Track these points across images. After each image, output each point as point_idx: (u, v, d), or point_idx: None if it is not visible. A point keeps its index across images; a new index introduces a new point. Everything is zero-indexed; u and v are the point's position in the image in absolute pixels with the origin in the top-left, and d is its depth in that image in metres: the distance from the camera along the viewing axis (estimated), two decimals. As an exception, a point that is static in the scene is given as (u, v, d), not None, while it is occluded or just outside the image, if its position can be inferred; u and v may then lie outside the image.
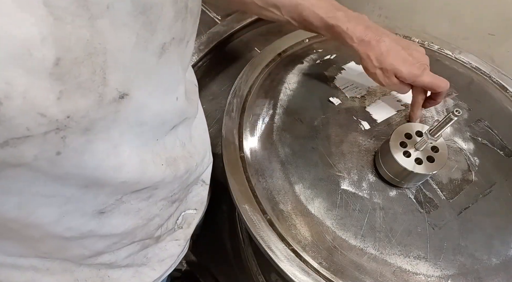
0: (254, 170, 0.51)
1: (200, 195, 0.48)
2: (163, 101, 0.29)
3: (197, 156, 0.41)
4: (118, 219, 0.33)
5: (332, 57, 0.63)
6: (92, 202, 0.29)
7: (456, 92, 0.60)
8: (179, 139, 0.37)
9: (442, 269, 0.44)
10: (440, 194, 0.49)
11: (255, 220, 0.46)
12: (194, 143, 0.41)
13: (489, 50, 0.98)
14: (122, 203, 0.32)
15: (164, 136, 0.34)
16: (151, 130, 0.30)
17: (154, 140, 0.30)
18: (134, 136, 0.27)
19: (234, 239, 0.72)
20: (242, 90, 0.59)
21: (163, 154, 0.34)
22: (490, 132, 0.56)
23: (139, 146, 0.29)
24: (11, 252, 0.31)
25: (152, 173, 0.32)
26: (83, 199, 0.27)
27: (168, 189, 0.37)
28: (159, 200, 0.37)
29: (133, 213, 0.35)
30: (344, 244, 0.45)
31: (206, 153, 0.45)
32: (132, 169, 0.28)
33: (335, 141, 0.52)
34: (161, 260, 0.46)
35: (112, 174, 0.26)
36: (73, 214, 0.28)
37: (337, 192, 0.48)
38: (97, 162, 0.24)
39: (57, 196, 0.25)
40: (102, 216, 0.31)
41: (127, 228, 0.36)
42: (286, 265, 0.43)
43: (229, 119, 0.56)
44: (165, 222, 0.42)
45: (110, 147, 0.25)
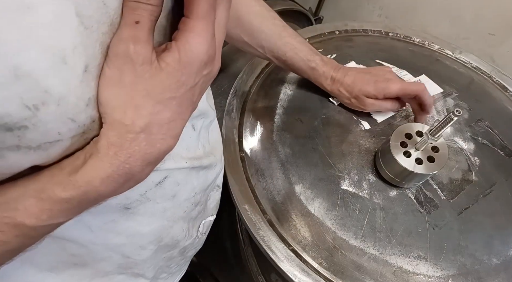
0: (254, 170, 0.51)
1: (216, 199, 0.49)
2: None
3: (217, 154, 0.43)
4: (144, 217, 0.34)
5: (332, 57, 0.63)
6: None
7: (457, 92, 0.60)
8: (201, 142, 0.38)
9: (442, 269, 0.44)
10: (440, 194, 0.49)
11: (255, 220, 0.46)
12: (212, 144, 0.42)
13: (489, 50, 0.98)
14: (148, 200, 0.33)
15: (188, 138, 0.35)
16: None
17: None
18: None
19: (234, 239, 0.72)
20: (242, 90, 0.59)
21: (186, 154, 0.35)
22: (490, 132, 0.56)
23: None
24: (42, 266, 0.31)
25: (171, 165, 0.33)
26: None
27: (188, 187, 0.38)
28: (183, 201, 0.38)
29: (159, 213, 0.35)
30: (344, 244, 0.45)
31: (222, 154, 0.47)
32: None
33: (335, 141, 0.52)
34: (181, 270, 0.49)
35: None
36: (100, 209, 0.28)
37: (337, 192, 0.48)
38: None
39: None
40: (127, 211, 0.32)
41: (153, 229, 0.36)
42: (286, 265, 0.43)
43: (229, 119, 0.56)
44: (189, 228, 0.43)
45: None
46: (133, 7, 0.20)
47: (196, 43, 0.21)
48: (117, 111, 0.21)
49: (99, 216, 0.30)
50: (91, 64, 0.20)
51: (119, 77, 0.21)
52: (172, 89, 0.22)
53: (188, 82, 0.22)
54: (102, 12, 0.19)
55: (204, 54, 0.22)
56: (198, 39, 0.21)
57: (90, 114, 0.21)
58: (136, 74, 0.21)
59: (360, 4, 1.19)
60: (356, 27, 0.70)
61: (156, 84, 0.21)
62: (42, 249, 0.28)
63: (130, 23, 0.20)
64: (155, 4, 0.20)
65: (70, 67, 0.18)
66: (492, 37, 0.96)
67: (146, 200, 0.33)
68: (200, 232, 0.46)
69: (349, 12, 1.24)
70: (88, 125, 0.21)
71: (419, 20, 1.08)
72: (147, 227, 0.35)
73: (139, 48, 0.20)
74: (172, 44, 0.21)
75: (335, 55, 0.63)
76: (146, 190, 0.32)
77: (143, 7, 0.20)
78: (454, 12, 1.00)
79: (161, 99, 0.22)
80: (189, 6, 0.21)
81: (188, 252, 0.47)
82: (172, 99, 0.22)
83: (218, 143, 0.45)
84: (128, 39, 0.20)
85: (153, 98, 0.22)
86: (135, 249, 0.36)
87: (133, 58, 0.20)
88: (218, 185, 0.47)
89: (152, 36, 0.21)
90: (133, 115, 0.21)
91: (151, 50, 0.21)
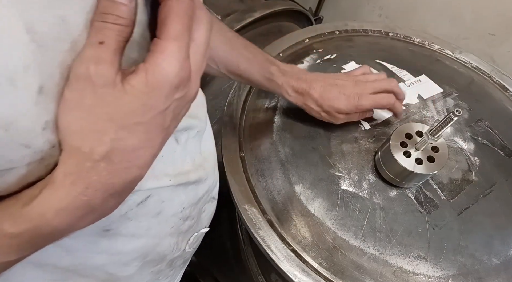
0: (254, 170, 0.51)
1: (211, 211, 0.48)
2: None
3: (208, 167, 0.41)
4: (126, 237, 0.32)
5: (332, 57, 0.63)
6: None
7: (457, 92, 0.60)
8: (189, 155, 0.37)
9: (442, 269, 0.44)
10: (440, 194, 0.49)
11: (255, 220, 0.46)
12: (204, 156, 0.41)
13: (489, 50, 0.98)
14: (129, 220, 0.31)
15: (173, 153, 0.33)
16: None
17: (159, 156, 0.29)
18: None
19: (234, 239, 0.72)
20: (242, 90, 0.59)
21: (171, 171, 0.33)
22: (490, 132, 0.56)
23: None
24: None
25: (154, 184, 0.31)
26: None
27: (175, 203, 0.36)
28: (170, 217, 0.36)
29: (143, 231, 0.34)
30: (344, 244, 0.45)
31: (215, 165, 0.45)
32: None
33: (335, 141, 0.52)
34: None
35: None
36: (77, 233, 0.26)
37: (337, 192, 0.48)
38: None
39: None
40: (108, 233, 0.30)
41: (137, 247, 0.35)
42: (286, 265, 0.43)
43: (229, 119, 0.56)
44: (178, 243, 0.42)
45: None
46: (99, 27, 0.18)
47: (166, 65, 0.20)
48: (75, 137, 0.19)
49: (77, 239, 0.29)
50: (48, 85, 0.18)
51: (78, 100, 0.19)
52: (138, 114, 0.20)
53: (156, 106, 0.20)
54: (60, 29, 0.18)
55: (174, 76, 0.20)
56: (168, 61, 0.20)
57: (49, 139, 0.19)
58: (97, 97, 0.19)
59: (360, 4, 1.19)
60: (356, 27, 0.70)
61: (119, 108, 0.19)
62: (17, 272, 0.26)
63: (94, 43, 0.18)
64: (123, 24, 0.19)
65: (21, 88, 0.17)
66: (492, 37, 0.96)
67: (127, 220, 0.31)
68: (190, 245, 0.45)
69: (349, 12, 1.24)
70: (47, 151, 0.20)
71: (419, 20, 1.08)
72: (130, 246, 0.34)
73: (100, 70, 0.18)
74: (140, 66, 0.20)
75: (335, 55, 0.63)
76: (127, 211, 0.30)
77: (110, 27, 0.18)
78: (454, 12, 1.00)
79: (125, 125, 0.20)
80: (160, 27, 0.20)
81: (177, 262, 0.46)
82: (138, 124, 0.20)
83: (211, 153, 0.43)
84: (89, 60, 0.18)
85: (116, 123, 0.20)
86: (119, 266, 0.35)
87: (94, 80, 0.18)
88: (213, 197, 0.46)
89: (118, 57, 0.19)
90: (92, 142, 0.19)
91: (115, 72, 0.19)
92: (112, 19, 0.18)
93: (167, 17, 0.20)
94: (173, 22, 0.20)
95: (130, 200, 0.30)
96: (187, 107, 0.24)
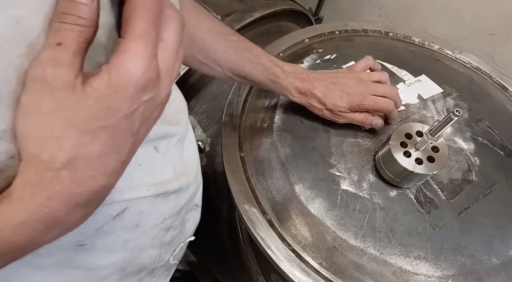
0: (254, 170, 0.51)
1: (196, 220, 0.47)
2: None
3: (190, 175, 0.40)
4: (103, 251, 0.31)
5: (332, 57, 0.63)
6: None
7: (457, 92, 0.60)
8: (170, 163, 0.35)
9: (442, 269, 0.44)
10: (440, 194, 0.49)
11: (255, 220, 0.46)
12: (186, 163, 0.40)
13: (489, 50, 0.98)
14: (105, 234, 0.30)
15: (152, 162, 0.32)
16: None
17: (136, 165, 0.27)
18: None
19: (234, 239, 0.72)
20: (242, 90, 0.59)
21: (151, 180, 0.32)
22: (490, 132, 0.56)
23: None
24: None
25: (131, 195, 0.30)
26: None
27: (155, 214, 0.35)
28: (149, 228, 0.35)
29: (120, 245, 0.32)
30: (344, 244, 0.45)
31: (197, 171, 0.44)
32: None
33: (335, 141, 0.52)
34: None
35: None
36: (49, 250, 0.25)
37: (337, 192, 0.48)
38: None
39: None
40: (82, 248, 0.29)
41: (115, 261, 0.33)
42: (286, 265, 0.43)
43: (229, 120, 0.56)
44: (161, 254, 0.40)
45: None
46: (57, 27, 0.17)
47: (130, 65, 0.18)
48: (33, 144, 0.18)
49: (48, 256, 0.27)
50: (3, 91, 0.17)
51: (35, 104, 0.17)
52: (101, 118, 0.18)
53: (121, 109, 0.19)
54: (14, 31, 0.17)
55: (139, 77, 0.19)
56: (132, 61, 0.18)
57: (6, 149, 0.18)
58: (55, 101, 0.18)
59: (360, 4, 1.19)
60: (356, 27, 0.70)
61: (80, 112, 0.18)
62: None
63: (52, 45, 0.17)
64: (84, 25, 0.18)
65: None
66: (492, 37, 0.96)
67: (103, 234, 0.30)
68: (174, 256, 0.44)
69: (349, 12, 1.24)
70: (6, 162, 0.19)
71: (419, 20, 1.08)
72: (107, 260, 0.33)
73: (58, 72, 0.17)
74: (103, 67, 0.19)
75: (335, 55, 0.63)
76: (102, 224, 0.29)
77: (69, 28, 0.17)
78: (454, 12, 1.00)
79: (87, 130, 0.18)
80: (124, 26, 0.19)
81: (159, 271, 0.45)
82: (102, 129, 0.19)
83: (194, 160, 0.42)
84: (46, 62, 0.17)
85: (77, 129, 0.18)
86: (96, 280, 0.34)
87: (51, 83, 0.17)
88: (196, 205, 0.45)
89: (78, 59, 0.18)
90: (52, 149, 0.18)
91: (75, 74, 0.18)
92: (72, 20, 0.17)
93: (130, 15, 0.19)
94: (137, 21, 0.19)
95: (106, 213, 0.28)
96: (159, 111, 0.22)
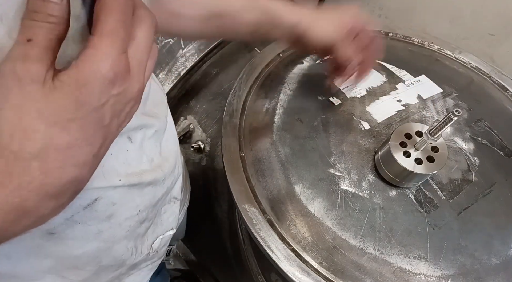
0: (254, 170, 0.51)
1: (175, 213, 0.46)
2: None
3: (167, 168, 0.40)
4: (74, 240, 0.31)
5: (332, 57, 0.63)
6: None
7: (456, 92, 0.60)
8: (146, 154, 0.36)
9: (442, 269, 0.44)
10: (440, 194, 0.49)
11: (255, 220, 0.46)
12: (164, 156, 0.40)
13: (489, 50, 0.98)
14: (76, 223, 0.30)
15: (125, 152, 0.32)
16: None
17: (107, 154, 0.27)
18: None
19: (234, 239, 0.72)
20: (242, 90, 0.59)
21: (123, 170, 0.32)
22: (490, 132, 0.56)
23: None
24: None
25: (101, 184, 0.30)
26: None
27: (129, 206, 0.35)
28: (124, 220, 0.35)
29: (93, 235, 0.33)
30: (344, 244, 0.45)
31: (176, 165, 0.44)
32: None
33: (335, 141, 0.52)
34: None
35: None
36: (18, 237, 0.25)
37: (337, 192, 0.48)
38: None
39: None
40: (52, 236, 0.29)
41: (87, 251, 0.33)
42: (286, 265, 0.43)
43: (229, 119, 0.56)
44: (137, 246, 0.40)
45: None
46: (28, 25, 0.18)
47: (97, 60, 0.19)
48: (3, 135, 0.19)
49: (18, 244, 0.27)
50: None
51: (5, 98, 0.18)
52: (70, 110, 0.19)
53: (90, 102, 0.20)
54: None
55: (107, 71, 0.20)
56: (99, 56, 0.19)
57: None
58: (25, 95, 0.18)
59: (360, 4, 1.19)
60: (356, 27, 0.70)
61: (49, 105, 0.19)
62: None
63: (22, 41, 0.18)
64: (54, 22, 0.18)
65: None
66: (492, 37, 0.96)
67: (74, 223, 0.30)
68: (154, 249, 0.44)
69: (349, 12, 1.24)
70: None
71: (419, 20, 1.08)
72: (79, 250, 0.33)
73: (27, 67, 0.18)
74: (72, 63, 0.20)
75: (335, 55, 0.63)
76: (73, 214, 0.29)
77: (39, 25, 0.18)
78: (454, 12, 1.00)
79: (56, 122, 0.19)
80: (94, 23, 0.20)
81: (141, 265, 0.44)
82: (71, 121, 0.19)
83: (172, 155, 0.42)
84: (16, 57, 0.18)
85: (46, 120, 0.19)
86: (70, 269, 0.34)
87: (21, 77, 0.18)
88: (174, 197, 0.44)
89: (49, 55, 0.19)
90: (21, 140, 0.19)
91: (45, 69, 0.19)
92: (42, 17, 0.18)
93: (100, 14, 0.20)
94: (106, 19, 0.20)
95: (75, 202, 0.28)
96: (132, 105, 0.23)
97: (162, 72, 0.71)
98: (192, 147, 0.73)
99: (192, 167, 0.75)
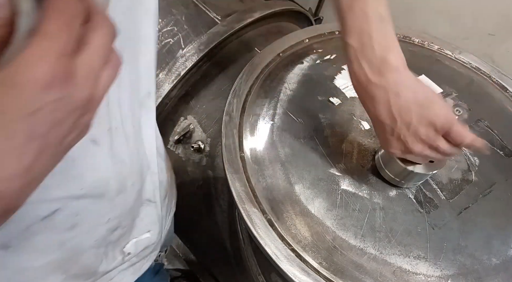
0: (254, 170, 0.51)
1: (150, 214, 0.44)
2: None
3: (136, 172, 0.37)
4: (32, 253, 0.29)
5: (332, 57, 0.63)
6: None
7: (456, 93, 0.60)
8: (116, 158, 0.33)
9: (442, 269, 0.44)
10: (440, 194, 0.49)
11: (255, 220, 0.46)
12: (134, 159, 0.37)
13: (489, 50, 0.98)
14: (34, 234, 0.28)
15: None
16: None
17: (69, 160, 0.25)
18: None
19: (234, 239, 0.72)
20: (242, 90, 0.59)
21: (89, 177, 0.30)
22: (490, 133, 0.56)
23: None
24: None
25: (59, 194, 0.28)
26: None
27: (97, 214, 0.33)
28: (91, 228, 0.33)
29: (55, 246, 0.31)
30: (344, 244, 0.45)
31: (146, 168, 0.41)
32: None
33: (335, 141, 0.53)
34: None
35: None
36: None
37: (337, 192, 0.48)
38: None
39: None
40: (8, 250, 0.27)
41: (49, 262, 0.32)
42: (286, 265, 0.43)
43: (229, 119, 0.56)
44: (107, 253, 0.38)
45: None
46: None
47: (30, 62, 0.18)
48: None
49: None
50: None
51: None
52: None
53: (18, 107, 0.18)
54: None
55: (42, 74, 0.18)
56: (33, 59, 0.18)
57: None
58: None
59: (360, 4, 1.19)
60: (356, 27, 0.70)
61: None
62: None
63: None
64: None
65: None
66: (492, 37, 0.96)
67: (31, 235, 0.28)
68: (128, 252, 0.42)
69: (349, 12, 1.24)
70: None
71: (419, 20, 1.08)
72: (39, 261, 0.31)
73: None
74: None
75: (335, 56, 0.63)
76: (29, 225, 0.28)
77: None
78: (454, 12, 1.00)
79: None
80: (39, 25, 0.18)
81: (121, 268, 0.43)
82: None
83: (149, 155, 0.40)
84: None
85: None
86: (29, 280, 0.32)
87: None
88: (148, 199, 0.42)
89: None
90: None
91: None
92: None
93: (45, 13, 0.18)
94: (49, 20, 0.18)
95: (32, 212, 0.27)
96: (78, 114, 0.21)
97: (162, 72, 0.70)
98: (192, 147, 0.73)
99: (192, 167, 0.75)
